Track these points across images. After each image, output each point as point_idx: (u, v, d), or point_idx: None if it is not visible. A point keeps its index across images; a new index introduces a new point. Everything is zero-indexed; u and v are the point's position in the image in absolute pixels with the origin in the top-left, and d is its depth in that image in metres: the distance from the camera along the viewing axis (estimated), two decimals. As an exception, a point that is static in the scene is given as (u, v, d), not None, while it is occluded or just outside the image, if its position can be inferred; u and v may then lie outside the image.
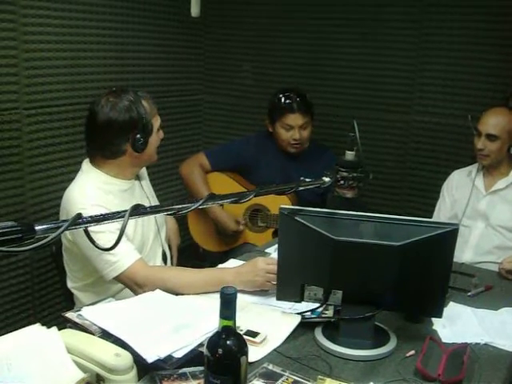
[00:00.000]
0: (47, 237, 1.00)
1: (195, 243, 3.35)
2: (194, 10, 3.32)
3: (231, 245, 3.25)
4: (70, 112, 2.97)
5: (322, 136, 3.52)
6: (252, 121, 3.82)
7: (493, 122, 2.63)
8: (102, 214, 1.18)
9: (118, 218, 1.17)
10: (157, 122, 2.17)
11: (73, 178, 2.14)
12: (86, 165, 2.15)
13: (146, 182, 2.38)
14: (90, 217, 1.13)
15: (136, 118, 2.05)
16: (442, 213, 2.86)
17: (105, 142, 2.08)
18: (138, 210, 1.19)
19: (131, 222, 1.34)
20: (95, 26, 3.07)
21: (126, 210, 1.16)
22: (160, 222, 2.37)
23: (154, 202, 2.37)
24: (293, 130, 3.12)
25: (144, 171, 2.38)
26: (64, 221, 1.04)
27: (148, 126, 2.09)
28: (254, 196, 1.50)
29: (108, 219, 1.16)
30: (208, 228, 3.27)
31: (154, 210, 1.31)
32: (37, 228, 1.00)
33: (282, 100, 3.14)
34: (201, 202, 1.30)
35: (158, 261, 2.33)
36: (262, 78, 3.82)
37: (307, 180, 1.72)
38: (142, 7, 3.37)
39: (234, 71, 3.94)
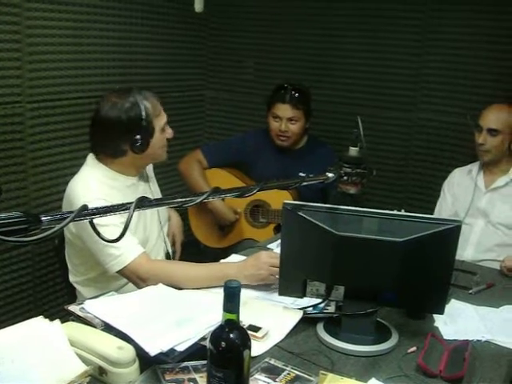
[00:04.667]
0: (53, 227, 1.00)
1: (196, 239, 3.35)
2: (198, 5, 3.33)
3: (232, 241, 3.25)
4: (72, 106, 2.96)
5: (326, 133, 3.52)
6: (254, 117, 3.82)
7: (494, 116, 2.66)
8: (107, 206, 1.18)
9: (124, 209, 1.17)
10: (161, 121, 2.13)
11: (76, 172, 2.14)
12: (91, 159, 2.14)
13: (153, 182, 2.38)
14: (96, 208, 1.13)
15: (135, 119, 2.03)
16: (444, 210, 2.86)
17: (105, 141, 2.08)
18: (143, 202, 1.19)
19: (133, 218, 1.33)
20: (98, 20, 3.06)
21: (131, 202, 1.16)
22: (163, 219, 2.37)
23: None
24: (281, 120, 3.12)
25: (150, 170, 2.37)
26: (70, 212, 1.04)
27: (148, 128, 2.06)
28: (258, 190, 1.50)
29: (113, 211, 1.16)
30: (209, 224, 3.28)
31: (159, 203, 1.31)
32: (43, 219, 1.00)
33: (276, 90, 3.16)
34: (205, 195, 1.30)
35: (160, 257, 2.33)
36: (264, 74, 3.81)
37: (310, 176, 1.73)
38: (145, 2, 3.36)
39: (236, 67, 3.93)
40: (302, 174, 3.10)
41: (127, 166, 2.15)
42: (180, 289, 1.88)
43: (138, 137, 2.04)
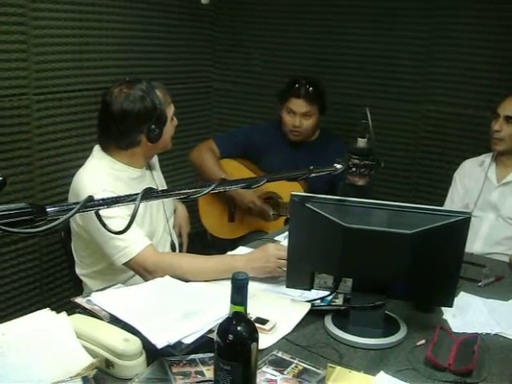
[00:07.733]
0: (58, 218, 0.99)
1: (203, 231, 3.34)
2: (204, -3, 3.33)
3: (242, 232, 3.23)
4: (78, 98, 2.96)
5: (334, 124, 3.50)
6: (261, 108, 3.81)
7: None
8: (113, 197, 1.17)
9: (130, 200, 1.15)
10: (170, 110, 2.15)
11: (82, 164, 2.13)
12: (97, 150, 2.14)
13: (157, 172, 2.37)
14: (102, 199, 1.12)
15: (150, 109, 2.03)
16: (455, 202, 2.83)
17: (119, 133, 2.07)
18: (150, 193, 1.18)
19: (140, 210, 1.31)
20: (105, 11, 3.05)
21: (137, 193, 1.15)
22: (169, 212, 2.37)
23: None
24: (295, 116, 3.09)
25: (156, 161, 2.37)
26: (75, 203, 1.03)
27: (162, 116, 2.08)
28: (267, 181, 1.48)
29: (120, 202, 1.15)
30: (219, 214, 3.26)
31: (166, 194, 1.30)
32: (48, 209, 0.99)
33: (291, 84, 3.11)
34: (212, 186, 1.29)
35: (167, 249, 2.32)
36: (271, 66, 3.80)
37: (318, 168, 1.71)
38: (152, -6, 3.35)
39: (243, 59, 3.92)
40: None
41: (137, 157, 2.14)
42: (187, 281, 1.88)
43: (154, 126, 2.05)
